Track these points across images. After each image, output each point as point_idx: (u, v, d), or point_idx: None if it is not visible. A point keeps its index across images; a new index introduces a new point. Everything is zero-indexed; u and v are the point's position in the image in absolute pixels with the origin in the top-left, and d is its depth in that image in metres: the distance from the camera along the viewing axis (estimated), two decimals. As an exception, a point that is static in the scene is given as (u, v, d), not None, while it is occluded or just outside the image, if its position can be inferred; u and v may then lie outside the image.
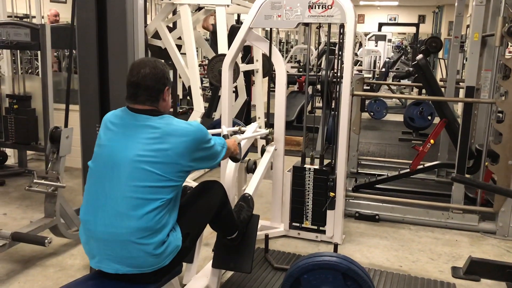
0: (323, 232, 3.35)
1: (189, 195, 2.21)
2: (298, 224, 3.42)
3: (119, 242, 1.78)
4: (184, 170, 1.92)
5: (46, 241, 2.70)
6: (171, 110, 6.67)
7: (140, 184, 1.80)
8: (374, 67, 11.86)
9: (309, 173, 3.30)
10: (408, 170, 4.34)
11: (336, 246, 3.01)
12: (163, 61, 1.99)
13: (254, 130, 3.11)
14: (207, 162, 2.09)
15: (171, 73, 6.79)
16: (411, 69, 8.72)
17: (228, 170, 2.72)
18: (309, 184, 3.31)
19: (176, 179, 1.88)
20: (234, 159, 2.45)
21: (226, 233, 2.50)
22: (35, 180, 2.94)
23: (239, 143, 2.48)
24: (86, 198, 1.91)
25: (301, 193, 3.34)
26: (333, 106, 3.40)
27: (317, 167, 3.34)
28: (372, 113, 8.58)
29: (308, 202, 3.33)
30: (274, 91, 3.37)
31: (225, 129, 2.68)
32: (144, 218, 1.78)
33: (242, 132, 3.04)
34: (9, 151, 4.95)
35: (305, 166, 3.33)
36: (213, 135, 2.16)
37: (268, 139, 3.32)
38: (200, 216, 2.14)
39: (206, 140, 2.00)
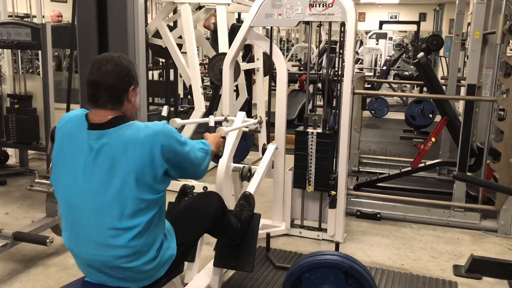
0: (325, 230, 3.35)
1: (186, 205, 2.17)
2: (301, 187, 3.34)
3: (108, 267, 1.70)
4: (157, 185, 1.70)
5: (47, 240, 2.70)
6: (172, 109, 6.69)
7: (113, 215, 1.64)
8: (375, 65, 11.84)
9: (312, 137, 3.25)
10: (409, 168, 4.33)
11: (337, 244, 3.00)
12: (129, 58, 1.80)
13: (242, 120, 2.98)
14: (186, 170, 1.84)
15: (171, 72, 6.82)
16: (413, 69, 8.72)
17: (218, 179, 2.68)
18: (311, 148, 3.26)
19: (151, 197, 1.68)
20: (216, 156, 2.22)
21: (226, 239, 2.51)
22: (36, 180, 2.94)
23: (224, 137, 2.30)
24: (64, 226, 1.78)
25: (304, 158, 3.28)
26: (334, 105, 3.39)
27: (320, 130, 3.28)
28: (373, 112, 8.57)
29: (311, 166, 3.27)
30: (275, 89, 3.37)
31: (212, 120, 2.50)
32: (128, 246, 1.67)
33: (228, 121, 2.95)
34: (10, 151, 4.95)
35: (307, 130, 3.27)
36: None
37: (258, 131, 3.21)
38: (196, 228, 2.08)
39: (173, 139, 1.73)
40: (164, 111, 2.61)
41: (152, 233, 1.73)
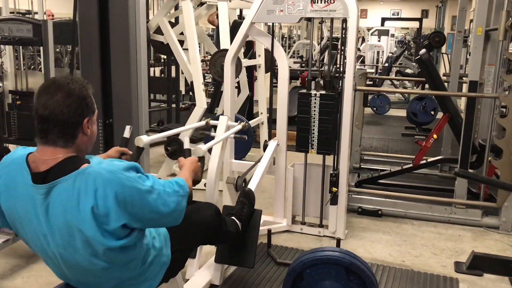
0: (326, 227, 3.35)
1: (185, 214, 2.14)
2: (304, 150, 3.27)
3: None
4: (120, 239, 1.46)
5: (49, 236, 2.70)
6: (173, 106, 6.69)
7: (90, 271, 1.52)
8: (377, 62, 11.82)
9: (315, 98, 3.20)
10: (411, 165, 4.33)
11: (338, 241, 3.01)
12: (83, 81, 1.54)
13: (224, 128, 2.78)
14: (154, 222, 1.57)
15: (173, 69, 6.81)
16: (415, 66, 8.69)
17: (208, 195, 2.61)
18: (314, 110, 3.21)
19: (115, 250, 1.47)
20: (195, 182, 1.95)
21: (227, 244, 2.51)
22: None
23: (202, 157, 2.12)
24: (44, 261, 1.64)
25: (307, 120, 3.23)
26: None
27: (323, 92, 3.24)
28: (375, 108, 8.56)
29: (313, 129, 3.23)
30: (276, 86, 3.36)
31: (187, 142, 2.27)
32: (113, 278, 1.60)
33: (209, 126, 2.81)
34: (12, 147, 4.95)
35: (310, 92, 3.23)
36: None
37: (243, 138, 2.93)
38: (190, 238, 2.02)
39: (135, 191, 1.44)
40: (126, 132, 2.22)
41: (135, 258, 1.61)
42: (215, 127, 2.89)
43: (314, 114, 3.22)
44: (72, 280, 1.65)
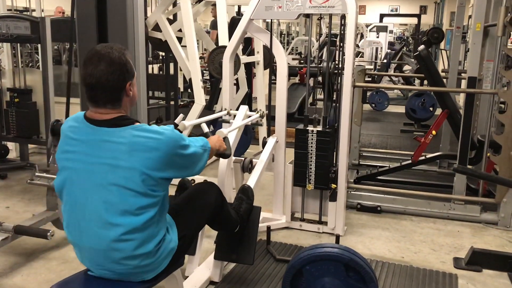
0: (325, 223, 3.35)
1: (185, 197, 2.17)
2: (302, 185, 3.34)
3: (111, 262, 1.71)
4: (161, 183, 1.73)
5: (48, 234, 2.70)
6: (172, 103, 6.68)
7: (115, 210, 1.66)
8: (376, 59, 11.82)
9: (312, 135, 3.24)
10: (410, 161, 4.33)
11: (338, 237, 3.01)
12: (121, 47, 1.74)
13: (243, 116, 2.99)
14: (187, 170, 1.87)
15: (171, 66, 6.80)
16: (414, 62, 8.67)
17: (220, 171, 2.70)
18: (312, 146, 3.25)
19: (154, 194, 1.70)
20: (223, 155, 2.24)
21: (226, 231, 2.51)
22: (36, 174, 2.94)
23: (225, 137, 2.28)
24: (66, 221, 1.78)
25: (304, 156, 3.28)
26: (334, 98, 3.38)
27: (320, 128, 3.28)
28: (373, 105, 8.55)
29: (311, 164, 3.27)
30: (275, 83, 3.36)
31: (205, 127, 2.48)
32: (130, 243, 1.68)
33: (230, 115, 2.97)
34: (10, 145, 4.95)
35: (307, 128, 3.27)
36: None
37: (259, 124, 3.24)
38: (196, 219, 2.09)
39: (181, 146, 1.76)
40: (179, 120, 2.49)
41: (152, 230, 1.73)
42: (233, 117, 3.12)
43: (311, 150, 3.26)
44: (80, 245, 1.73)
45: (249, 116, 3.16)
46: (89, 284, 1.80)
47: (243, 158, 3.03)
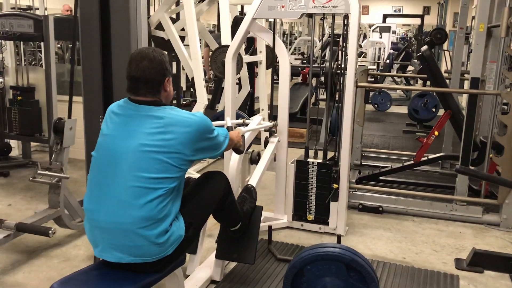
0: (327, 223, 3.35)
1: (192, 186, 2.21)
2: (301, 218, 3.41)
3: (122, 231, 1.79)
4: (187, 159, 1.92)
5: (50, 231, 2.71)
6: (175, 102, 6.68)
7: (142, 173, 1.80)
8: (378, 59, 11.80)
9: (313, 167, 3.29)
10: (412, 162, 4.33)
11: (339, 237, 3.01)
12: (161, 50, 2.00)
13: (258, 122, 3.10)
14: (209, 152, 2.08)
15: (174, 65, 6.80)
16: (417, 63, 8.65)
17: (232, 162, 2.73)
18: (312, 178, 3.30)
19: (178, 168, 1.88)
20: (237, 150, 2.43)
21: (229, 224, 2.51)
22: (39, 171, 2.94)
23: (242, 135, 2.46)
24: (89, 188, 1.92)
25: (305, 187, 3.33)
26: (337, 98, 3.39)
27: (320, 161, 3.33)
28: (376, 105, 8.53)
29: (311, 196, 3.32)
30: (277, 83, 3.36)
31: (229, 121, 2.65)
32: (147, 207, 1.79)
33: (246, 125, 3.02)
34: (13, 143, 4.96)
35: (308, 160, 3.32)
36: (216, 126, 2.15)
37: (272, 131, 3.30)
38: (203, 206, 2.14)
39: (209, 130, 1.99)
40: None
41: (169, 204, 1.87)
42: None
43: (312, 181, 3.30)
44: (99, 213, 1.83)
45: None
46: (90, 282, 1.80)
47: (251, 150, 3.11)
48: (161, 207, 1.82)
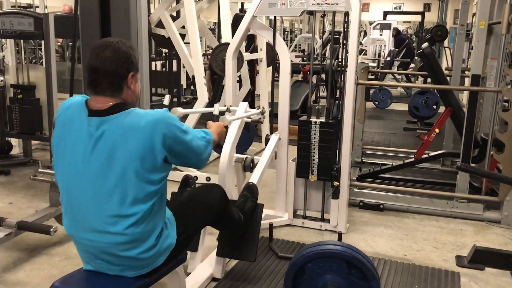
0: (327, 221, 3.35)
1: (189, 195, 2.16)
2: (304, 176, 3.32)
3: (107, 254, 1.71)
4: (157, 173, 1.68)
5: (51, 230, 2.71)
6: (175, 100, 6.68)
7: (111, 203, 1.64)
8: (379, 56, 11.79)
9: (315, 126, 3.23)
10: (412, 159, 4.33)
11: (340, 235, 3.01)
12: (131, 44, 1.79)
13: (244, 109, 2.95)
14: (187, 159, 1.84)
15: (174, 63, 6.80)
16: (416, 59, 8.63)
17: (221, 169, 2.68)
18: (315, 138, 3.24)
19: (151, 184, 1.67)
20: (218, 146, 2.20)
21: (229, 232, 2.52)
22: (39, 170, 2.95)
23: (227, 126, 2.27)
24: (64, 212, 1.78)
25: (307, 148, 3.26)
26: (337, 95, 3.37)
27: (323, 120, 3.27)
28: (376, 103, 8.54)
29: (314, 156, 3.26)
30: (278, 80, 3.36)
31: (217, 108, 2.52)
32: (126, 234, 1.66)
33: (229, 111, 2.94)
34: (14, 141, 4.96)
35: (310, 119, 3.25)
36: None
37: (260, 121, 3.20)
38: (197, 218, 2.07)
39: (176, 127, 1.72)
40: (166, 100, 2.59)
41: (152, 221, 1.72)
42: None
43: (314, 141, 3.25)
44: (79, 238, 1.73)
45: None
46: (91, 280, 1.80)
47: (244, 157, 2.98)
48: (141, 229, 1.68)
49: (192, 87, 8.50)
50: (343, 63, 3.25)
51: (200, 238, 2.67)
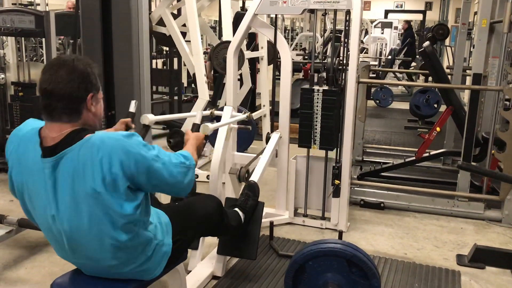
0: (328, 219, 3.35)
1: (187, 204, 2.10)
2: (306, 146, 3.28)
3: (103, 272, 1.69)
4: (129, 202, 1.51)
5: (52, 227, 2.71)
6: (175, 98, 6.68)
7: (91, 238, 1.54)
8: (380, 55, 11.77)
9: (318, 94, 3.19)
10: (413, 158, 4.32)
11: (340, 233, 3.01)
12: (88, 60, 1.58)
13: (229, 115, 2.84)
14: (160, 189, 1.63)
15: (175, 61, 6.80)
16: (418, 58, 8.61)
17: (212, 181, 2.65)
18: (317, 106, 3.20)
19: (123, 217, 1.51)
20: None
21: (231, 235, 2.53)
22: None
23: (207, 136, 2.09)
24: (49, 241, 1.70)
25: (309, 116, 3.22)
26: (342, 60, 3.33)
27: (326, 88, 3.23)
28: (378, 101, 8.53)
29: (316, 125, 3.22)
30: (279, 78, 3.36)
31: (199, 116, 2.25)
32: (115, 258, 1.61)
33: (214, 117, 2.85)
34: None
35: (313, 87, 3.21)
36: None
37: (247, 128, 3.05)
38: (192, 228, 2.00)
39: (139, 157, 1.48)
40: (132, 106, 2.23)
41: (139, 244, 1.64)
42: (219, 118, 2.93)
43: (317, 110, 3.21)
44: (73, 262, 1.69)
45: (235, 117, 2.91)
46: (92, 279, 1.80)
47: (238, 168, 2.83)
48: (129, 252, 1.62)
49: (193, 85, 8.50)
50: (344, 62, 3.25)
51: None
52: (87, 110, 1.53)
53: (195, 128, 2.11)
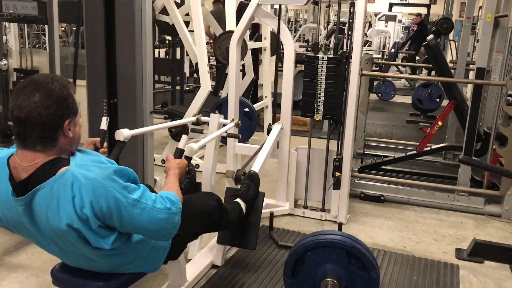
0: (328, 211, 3.36)
1: (187, 200, 2.07)
2: (309, 116, 3.25)
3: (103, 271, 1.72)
4: (105, 239, 1.47)
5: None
6: (177, 88, 6.66)
7: (84, 259, 1.60)
8: (384, 48, 11.73)
9: (322, 62, 3.13)
10: (414, 151, 4.32)
11: (340, 225, 3.02)
12: (64, 79, 1.45)
13: (216, 126, 2.64)
14: (136, 232, 1.57)
15: (178, 50, 6.77)
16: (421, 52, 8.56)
17: (205, 183, 2.66)
18: (321, 74, 3.15)
19: (100, 251, 1.50)
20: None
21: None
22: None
23: (190, 158, 1.92)
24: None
25: (313, 85, 3.17)
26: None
27: (330, 55, 3.18)
28: (380, 95, 8.52)
29: (320, 94, 3.17)
30: (281, 70, 3.35)
31: (183, 140, 1.99)
32: (109, 264, 1.65)
33: (199, 122, 2.68)
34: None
35: (318, 55, 3.16)
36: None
37: (237, 136, 2.88)
38: (191, 224, 1.99)
39: (111, 200, 1.38)
40: (103, 123, 2.02)
41: (129, 251, 1.66)
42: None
43: (321, 78, 3.15)
44: (71, 263, 1.71)
45: (224, 125, 2.68)
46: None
47: (234, 171, 2.73)
48: (124, 259, 1.65)
49: (195, 75, 8.49)
50: (348, 54, 3.24)
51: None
52: (64, 137, 1.41)
53: (178, 153, 1.92)
